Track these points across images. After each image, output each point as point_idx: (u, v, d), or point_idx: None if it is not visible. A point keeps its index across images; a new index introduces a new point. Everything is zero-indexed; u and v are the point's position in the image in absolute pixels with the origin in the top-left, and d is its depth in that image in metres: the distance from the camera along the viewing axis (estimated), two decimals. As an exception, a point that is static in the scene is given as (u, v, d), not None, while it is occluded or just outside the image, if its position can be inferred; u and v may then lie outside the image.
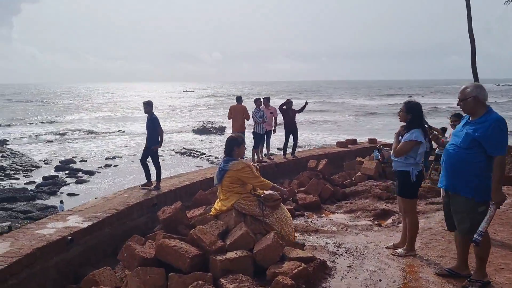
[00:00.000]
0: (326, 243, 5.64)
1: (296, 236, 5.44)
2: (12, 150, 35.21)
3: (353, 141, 16.12)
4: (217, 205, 5.04)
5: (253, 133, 11.79)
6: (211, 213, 4.99)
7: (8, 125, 56.31)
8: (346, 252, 5.23)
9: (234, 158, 5.06)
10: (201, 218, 4.76)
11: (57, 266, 5.62)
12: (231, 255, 3.92)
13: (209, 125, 52.05)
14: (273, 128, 12.55)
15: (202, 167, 30.38)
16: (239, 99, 11.95)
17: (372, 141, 16.31)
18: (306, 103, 13.06)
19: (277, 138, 20.03)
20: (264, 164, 11.63)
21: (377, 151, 11.37)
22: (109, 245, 6.67)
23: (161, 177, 9.05)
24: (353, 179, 10.83)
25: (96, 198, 17.92)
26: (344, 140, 15.98)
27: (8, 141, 42.09)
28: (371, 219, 7.23)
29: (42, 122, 60.47)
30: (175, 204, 4.87)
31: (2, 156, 31.81)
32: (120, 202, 7.38)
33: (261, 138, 11.90)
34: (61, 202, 17.67)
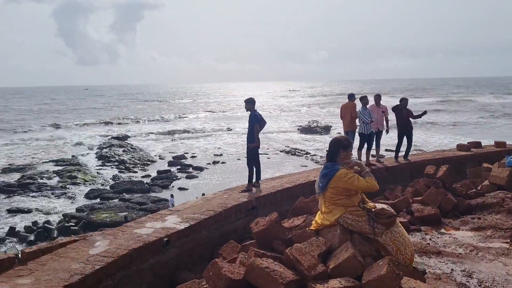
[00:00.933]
0: (452, 270, 4.65)
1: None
2: (132, 145, 38.28)
3: (477, 144, 14.17)
4: (319, 218, 4.35)
5: (359, 134, 10.86)
6: (312, 227, 4.34)
7: (132, 122, 61.59)
8: (479, 285, 4.22)
9: (338, 164, 4.33)
10: (299, 233, 4.14)
11: (153, 268, 5.45)
12: (334, 283, 3.24)
13: (315, 124, 51.29)
14: (385, 129, 11.51)
15: (306, 166, 29.87)
16: (351, 96, 11.08)
17: (500, 144, 14.18)
18: (425, 113, 11.71)
19: (388, 139, 18.66)
20: (373, 168, 10.64)
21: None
22: (206, 248, 6.39)
23: (261, 178, 8.61)
24: (479, 188, 9.32)
25: (203, 194, 18.48)
26: (466, 143, 14.13)
27: (129, 137, 45.93)
28: (508, 241, 5.95)
29: (159, 120, 65.13)
30: (270, 216, 4.32)
31: (124, 151, 34.66)
32: (218, 203, 7.08)
33: (368, 139, 10.90)
34: (172, 196, 18.42)
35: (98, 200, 21.61)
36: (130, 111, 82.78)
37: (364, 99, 10.79)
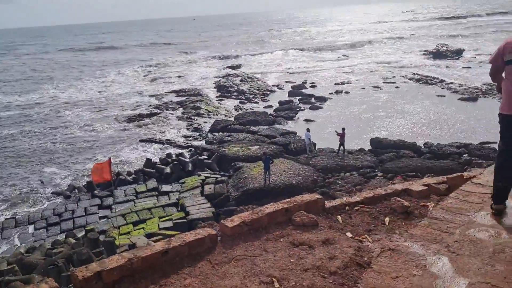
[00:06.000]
0: None
1: None
2: (247, 74, 36.96)
3: None
4: None
5: None
6: None
7: (240, 51, 60.31)
8: None
9: None
10: None
11: None
12: None
13: (444, 48, 45.14)
14: None
15: (444, 96, 26.05)
16: None
17: None
18: None
19: None
20: None
21: None
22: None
23: None
24: None
25: (343, 128, 16.15)
26: None
27: (242, 65, 44.74)
28: None
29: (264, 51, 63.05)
30: None
31: (241, 81, 33.49)
32: None
33: None
34: (308, 130, 16.56)
35: (225, 132, 20.69)
36: (230, 42, 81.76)
37: None
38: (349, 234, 3.41)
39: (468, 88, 26.98)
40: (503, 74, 3.38)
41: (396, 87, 29.78)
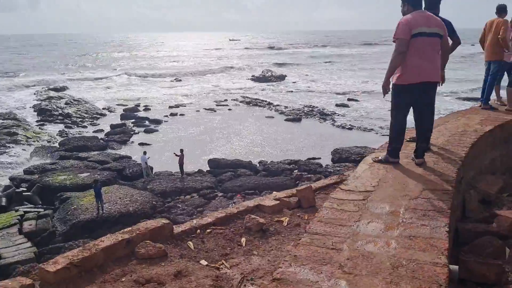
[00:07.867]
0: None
1: None
2: (74, 97, 33.93)
3: None
4: None
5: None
6: None
7: (63, 74, 55.46)
8: None
9: None
10: None
11: None
12: None
13: (269, 73, 49.14)
14: None
15: (273, 117, 28.05)
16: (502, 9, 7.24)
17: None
18: None
19: None
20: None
21: None
22: None
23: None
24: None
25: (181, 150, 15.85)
26: None
27: (68, 88, 40.99)
28: None
29: (95, 69, 59.46)
30: None
31: (66, 103, 30.51)
32: None
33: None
34: (144, 153, 15.71)
35: (48, 160, 18.33)
36: (59, 61, 75.26)
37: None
38: (204, 262, 2.96)
39: (293, 110, 29.48)
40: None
41: (229, 109, 30.92)
